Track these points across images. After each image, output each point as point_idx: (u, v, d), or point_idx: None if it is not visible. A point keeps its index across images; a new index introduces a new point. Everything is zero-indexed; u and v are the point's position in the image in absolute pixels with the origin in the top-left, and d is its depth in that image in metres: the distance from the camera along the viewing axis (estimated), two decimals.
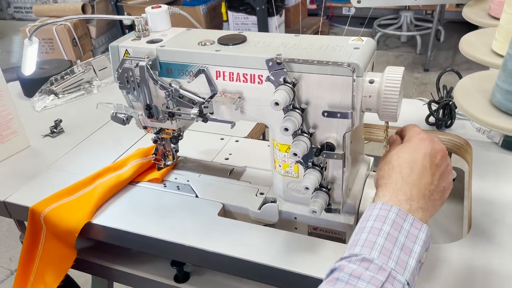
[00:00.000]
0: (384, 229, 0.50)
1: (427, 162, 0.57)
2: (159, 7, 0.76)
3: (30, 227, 0.80)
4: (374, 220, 0.51)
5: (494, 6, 0.80)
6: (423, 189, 0.55)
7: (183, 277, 0.83)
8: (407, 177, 0.56)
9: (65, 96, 1.22)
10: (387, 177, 0.57)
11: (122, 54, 0.74)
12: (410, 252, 0.49)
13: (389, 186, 0.56)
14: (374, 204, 0.54)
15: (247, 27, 3.42)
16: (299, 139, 0.64)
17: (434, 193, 0.57)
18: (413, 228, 0.51)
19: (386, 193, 0.55)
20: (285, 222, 0.76)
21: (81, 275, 0.97)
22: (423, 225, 0.52)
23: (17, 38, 4.35)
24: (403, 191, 0.54)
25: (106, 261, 0.88)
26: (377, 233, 0.50)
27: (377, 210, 0.52)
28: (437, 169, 0.58)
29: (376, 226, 0.51)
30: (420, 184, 0.55)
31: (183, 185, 0.84)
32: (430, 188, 0.56)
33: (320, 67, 0.60)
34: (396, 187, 0.55)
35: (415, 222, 0.52)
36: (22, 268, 0.81)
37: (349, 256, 0.49)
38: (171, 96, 0.72)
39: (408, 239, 0.50)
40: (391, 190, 0.55)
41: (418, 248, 0.50)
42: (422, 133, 0.61)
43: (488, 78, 0.66)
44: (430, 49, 3.29)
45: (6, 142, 0.97)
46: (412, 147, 0.59)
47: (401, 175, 0.56)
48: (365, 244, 0.49)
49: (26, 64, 0.96)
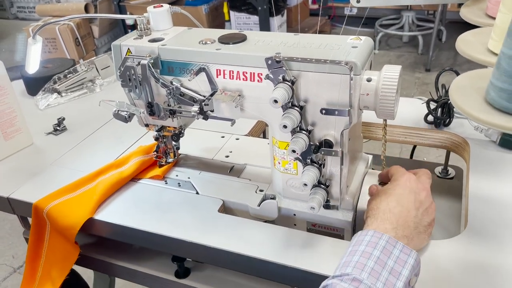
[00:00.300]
0: (375, 253, 0.55)
1: (412, 197, 0.63)
2: (160, 7, 0.78)
3: (34, 223, 0.81)
4: (365, 245, 0.56)
5: (491, 5, 0.80)
6: (408, 220, 0.61)
7: (183, 272, 0.84)
8: (393, 208, 0.62)
9: (68, 94, 1.23)
10: (375, 209, 0.63)
11: (124, 53, 0.75)
12: (398, 275, 0.53)
13: (377, 216, 0.61)
14: (366, 231, 0.59)
15: (249, 27, 3.43)
16: (297, 136, 0.65)
17: (418, 225, 0.62)
18: (402, 254, 0.56)
19: (374, 222, 0.61)
20: (284, 218, 0.77)
21: (83, 271, 0.99)
22: (412, 251, 0.56)
23: (20, 37, 4.37)
24: (390, 220, 0.60)
25: (108, 256, 0.90)
26: (367, 256, 0.55)
27: (369, 237, 0.57)
28: (421, 204, 0.64)
29: (367, 250, 0.55)
30: (405, 216, 0.61)
31: (184, 182, 0.85)
32: (414, 221, 0.62)
33: (318, 65, 0.61)
34: (384, 217, 0.61)
35: (405, 248, 0.56)
36: (29, 264, 0.83)
37: (340, 275, 0.53)
38: (172, 94, 0.73)
39: (397, 264, 0.55)
40: (379, 220, 0.61)
41: (406, 272, 0.54)
42: (407, 173, 0.68)
43: (483, 76, 0.67)
44: (432, 49, 3.30)
45: (10, 140, 0.98)
46: (399, 185, 0.65)
47: (388, 206, 0.62)
48: (356, 266, 0.54)
49: (30, 63, 0.97)
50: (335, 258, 0.65)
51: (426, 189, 0.67)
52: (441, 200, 0.91)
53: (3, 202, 0.86)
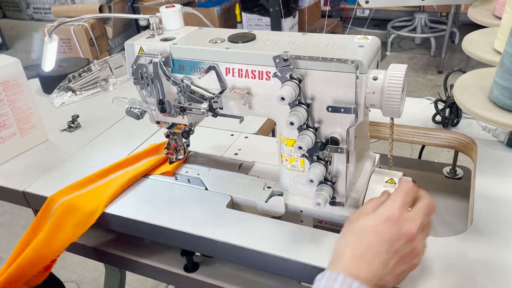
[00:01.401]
0: None
1: (384, 248, 0.55)
2: (172, 7, 0.80)
3: (39, 215, 0.83)
4: None
5: (498, 6, 0.81)
6: (372, 272, 0.54)
7: (192, 267, 0.86)
8: (359, 256, 0.55)
9: (82, 93, 1.26)
10: (344, 248, 0.56)
11: (137, 51, 0.77)
12: None
13: (342, 261, 0.55)
14: (322, 274, 0.54)
15: (260, 28, 3.45)
16: (304, 133, 0.67)
17: (386, 277, 0.55)
18: None
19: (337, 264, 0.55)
20: (291, 215, 0.79)
21: (95, 268, 1.01)
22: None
23: (36, 37, 4.45)
24: (353, 272, 0.53)
25: (119, 250, 0.92)
26: None
27: (324, 281, 0.53)
28: (395, 254, 0.55)
29: None
30: (370, 269, 0.54)
31: (193, 178, 0.87)
32: (382, 272, 0.54)
33: (325, 64, 0.63)
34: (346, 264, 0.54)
35: (362, 286, 0.51)
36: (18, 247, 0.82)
37: None
38: (182, 91, 0.75)
39: None
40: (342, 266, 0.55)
41: None
42: (397, 208, 0.57)
43: (487, 75, 0.68)
44: (444, 51, 3.28)
45: (26, 136, 1.01)
46: (376, 227, 0.56)
47: (353, 254, 0.55)
48: None
49: (46, 61, 1.00)
50: None
51: (409, 234, 0.56)
52: (449, 200, 0.92)
53: (19, 195, 0.89)
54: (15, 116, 0.99)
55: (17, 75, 0.97)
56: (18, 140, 1.00)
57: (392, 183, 0.76)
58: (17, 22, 5.31)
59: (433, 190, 0.94)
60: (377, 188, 0.76)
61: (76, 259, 1.83)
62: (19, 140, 1.00)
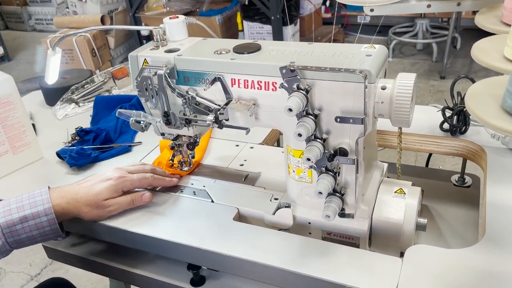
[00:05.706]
0: None
1: None
2: (176, 18, 0.79)
3: None
4: None
5: (506, 13, 0.80)
6: None
7: (199, 281, 0.84)
8: None
9: (85, 104, 1.26)
10: None
11: (141, 63, 0.76)
12: None
13: None
14: None
15: (262, 36, 3.45)
16: (312, 144, 0.65)
17: None
18: None
19: None
20: (299, 227, 0.77)
21: (99, 281, 1.00)
22: None
23: (39, 49, 4.47)
24: None
25: (124, 264, 0.91)
26: None
27: None
28: None
29: None
30: None
31: (199, 190, 0.86)
32: None
33: (332, 74, 0.62)
34: None
35: None
36: None
37: None
38: (188, 103, 0.74)
39: None
40: None
41: None
42: None
43: (499, 84, 0.67)
44: (447, 57, 3.28)
45: (19, 153, 0.99)
46: None
47: None
48: None
49: (49, 74, 0.99)
50: (350, 266, 0.64)
51: None
52: (458, 208, 0.90)
53: None
54: (7, 134, 0.96)
55: (9, 93, 0.95)
56: (10, 158, 0.98)
57: (402, 193, 0.75)
58: (19, 33, 5.34)
59: (442, 199, 0.93)
60: (386, 198, 0.74)
61: (80, 272, 1.82)
62: (11, 158, 0.98)
